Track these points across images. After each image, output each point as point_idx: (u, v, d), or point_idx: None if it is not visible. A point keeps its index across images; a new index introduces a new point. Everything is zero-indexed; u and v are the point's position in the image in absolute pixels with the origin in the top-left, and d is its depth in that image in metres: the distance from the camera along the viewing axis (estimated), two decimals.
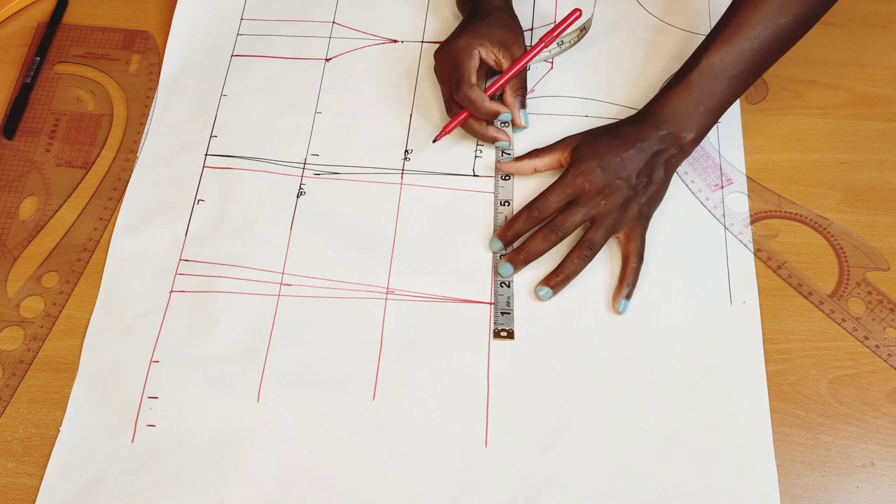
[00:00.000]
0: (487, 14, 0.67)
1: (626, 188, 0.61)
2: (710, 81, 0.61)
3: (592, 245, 0.61)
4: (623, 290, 0.60)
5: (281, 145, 0.68)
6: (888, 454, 0.56)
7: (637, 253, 0.61)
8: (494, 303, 0.61)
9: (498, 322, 0.60)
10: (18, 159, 0.68)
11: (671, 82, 0.63)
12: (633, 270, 0.60)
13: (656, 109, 0.63)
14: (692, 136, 0.62)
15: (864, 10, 0.74)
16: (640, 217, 0.61)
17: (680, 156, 0.63)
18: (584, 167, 0.61)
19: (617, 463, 0.55)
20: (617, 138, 0.62)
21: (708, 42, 0.62)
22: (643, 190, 0.61)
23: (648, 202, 0.62)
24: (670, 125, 0.62)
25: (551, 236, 0.61)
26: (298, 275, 0.62)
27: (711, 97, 0.62)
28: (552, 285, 0.60)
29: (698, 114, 0.62)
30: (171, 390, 0.58)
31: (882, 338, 0.60)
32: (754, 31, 0.60)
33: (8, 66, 0.72)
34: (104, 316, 0.61)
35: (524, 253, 0.61)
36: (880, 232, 0.64)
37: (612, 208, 0.61)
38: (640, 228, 0.61)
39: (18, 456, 0.56)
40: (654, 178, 0.62)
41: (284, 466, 0.55)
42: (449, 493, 0.54)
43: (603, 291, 0.61)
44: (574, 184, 0.61)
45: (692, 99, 0.62)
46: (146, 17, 0.75)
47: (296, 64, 0.72)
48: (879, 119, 0.69)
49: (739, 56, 0.61)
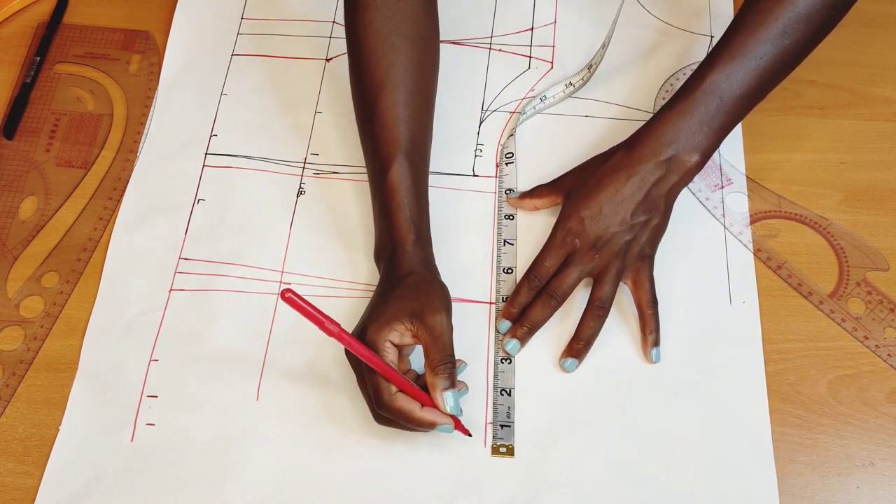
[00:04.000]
0: (397, 283, 0.55)
1: (622, 234, 0.58)
2: (716, 101, 0.57)
3: (603, 304, 0.58)
4: (649, 339, 0.58)
5: (281, 145, 0.68)
6: (888, 454, 0.56)
7: (649, 299, 0.58)
8: (494, 417, 0.56)
9: (497, 437, 0.56)
10: (18, 159, 0.68)
11: (670, 102, 0.59)
12: (651, 317, 0.58)
13: (656, 131, 0.58)
14: (697, 159, 0.58)
15: (864, 10, 0.74)
16: (642, 259, 0.59)
17: (681, 183, 0.59)
18: (571, 223, 0.59)
19: (617, 463, 0.55)
20: (609, 173, 0.59)
21: (711, 61, 0.58)
22: (642, 229, 0.59)
23: (650, 240, 0.59)
24: (672, 147, 0.58)
25: (550, 302, 0.58)
26: (298, 274, 0.62)
27: (717, 116, 0.58)
28: (575, 354, 0.58)
29: (703, 134, 0.58)
30: (170, 389, 0.58)
31: (882, 338, 0.60)
32: (760, 51, 0.57)
33: (8, 66, 0.72)
34: (104, 315, 0.61)
35: (527, 324, 0.58)
36: (880, 232, 0.64)
37: (610, 259, 0.58)
38: (645, 270, 0.59)
39: (18, 456, 0.56)
40: (654, 213, 0.59)
41: (284, 465, 0.55)
42: (449, 493, 0.54)
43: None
44: (564, 243, 0.59)
45: (696, 118, 0.58)
46: (146, 17, 0.75)
47: (296, 64, 0.72)
48: (879, 119, 0.69)
49: (745, 75, 0.57)
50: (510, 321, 0.59)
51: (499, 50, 0.72)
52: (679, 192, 0.60)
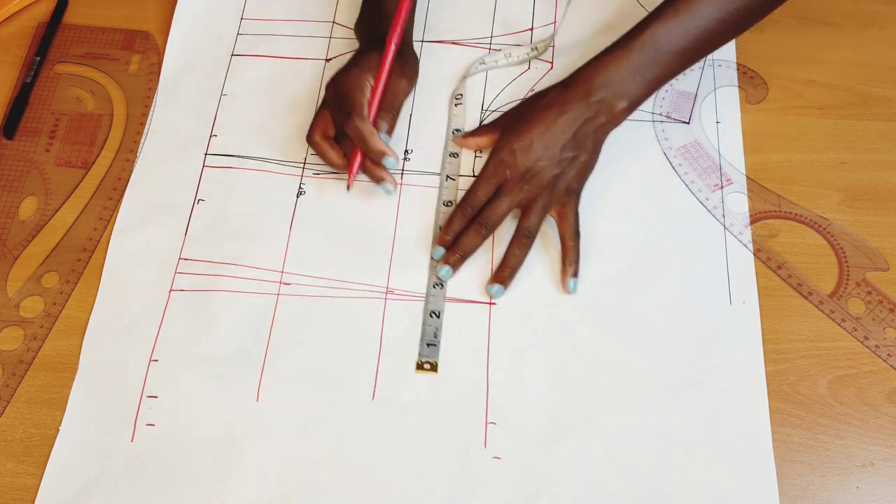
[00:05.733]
0: (381, 46, 0.64)
1: (549, 167, 0.61)
2: (652, 52, 0.60)
3: (528, 233, 0.61)
4: (568, 270, 0.60)
5: (281, 145, 0.68)
6: (888, 454, 0.56)
7: (572, 232, 0.61)
8: (422, 337, 0.59)
9: (423, 354, 0.59)
10: (18, 159, 0.68)
11: (610, 47, 0.62)
12: (572, 249, 0.61)
13: (589, 74, 0.61)
14: (625, 105, 0.61)
15: (864, 10, 0.74)
16: (568, 193, 0.61)
17: (610, 124, 0.62)
18: (503, 154, 0.62)
19: (616, 463, 0.55)
20: (542, 110, 0.61)
21: (655, 14, 0.61)
22: (570, 164, 0.61)
23: (577, 176, 0.62)
24: (603, 91, 0.61)
25: (482, 230, 0.61)
26: (298, 274, 0.62)
27: (651, 69, 0.61)
28: (501, 280, 0.60)
29: (635, 83, 0.61)
30: (170, 389, 0.58)
31: (882, 338, 0.60)
32: (705, 11, 0.60)
33: (8, 66, 0.72)
34: (104, 315, 0.61)
35: (459, 251, 0.61)
36: (880, 232, 0.64)
37: (538, 191, 0.61)
38: (570, 205, 0.61)
39: (18, 456, 0.56)
40: (582, 150, 0.61)
41: (284, 466, 0.55)
42: (448, 493, 0.54)
43: (602, 280, 0.61)
44: (496, 174, 0.62)
45: (630, 67, 0.60)
46: (146, 17, 0.75)
47: (296, 64, 0.72)
48: (879, 119, 0.69)
49: (686, 33, 0.60)
50: (444, 248, 0.61)
51: (499, 50, 0.72)
52: (607, 133, 0.63)
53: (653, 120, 0.68)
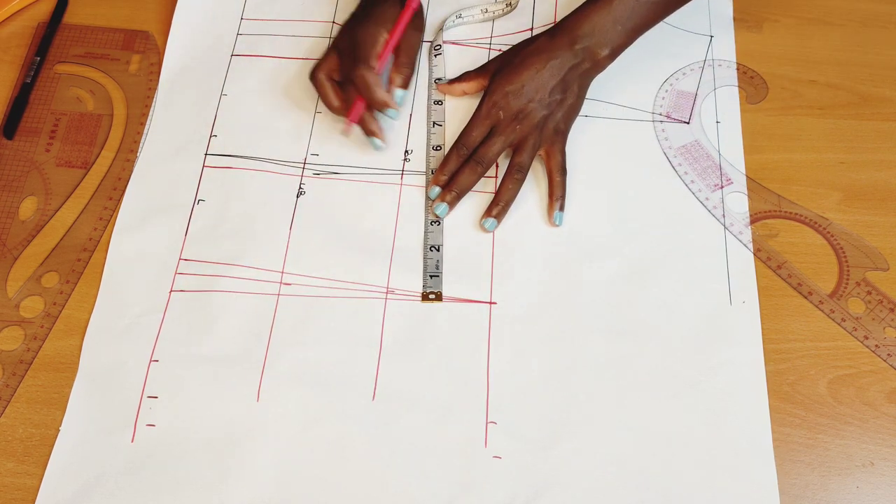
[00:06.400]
0: (382, 2, 0.68)
1: (539, 109, 0.64)
2: (632, 2, 0.64)
3: (521, 168, 0.64)
4: (554, 204, 0.64)
5: (281, 145, 0.68)
6: (888, 454, 0.56)
7: (559, 167, 0.64)
8: (425, 269, 0.62)
9: (427, 285, 0.61)
10: (18, 159, 0.68)
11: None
12: (559, 184, 0.64)
13: (574, 23, 0.65)
14: (607, 52, 0.65)
15: (864, 10, 0.74)
16: (556, 133, 0.65)
17: (594, 70, 0.66)
18: (496, 97, 0.65)
19: (617, 463, 0.55)
20: (531, 55, 0.65)
21: None
22: (558, 106, 0.65)
23: (564, 117, 0.65)
24: (586, 40, 0.65)
25: (477, 168, 0.64)
26: (298, 274, 0.62)
27: (631, 17, 0.65)
28: (494, 215, 0.63)
29: (616, 32, 0.65)
30: (171, 390, 0.58)
31: (882, 338, 0.60)
32: None
33: (8, 66, 0.72)
34: (104, 315, 0.61)
35: (455, 189, 0.64)
36: (880, 232, 0.64)
37: (530, 130, 0.64)
38: (558, 144, 0.65)
39: (18, 456, 0.56)
40: (569, 93, 0.65)
41: (284, 466, 0.55)
42: (448, 493, 0.54)
43: (602, 280, 0.61)
44: (490, 115, 0.65)
45: (612, 16, 0.64)
46: (146, 17, 0.75)
47: (296, 64, 0.72)
48: (879, 119, 0.69)
49: None
50: (440, 187, 0.64)
51: (499, 50, 0.72)
52: (592, 78, 0.67)
53: (653, 120, 0.68)
